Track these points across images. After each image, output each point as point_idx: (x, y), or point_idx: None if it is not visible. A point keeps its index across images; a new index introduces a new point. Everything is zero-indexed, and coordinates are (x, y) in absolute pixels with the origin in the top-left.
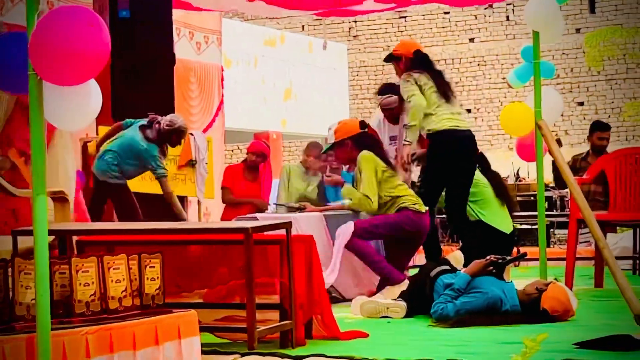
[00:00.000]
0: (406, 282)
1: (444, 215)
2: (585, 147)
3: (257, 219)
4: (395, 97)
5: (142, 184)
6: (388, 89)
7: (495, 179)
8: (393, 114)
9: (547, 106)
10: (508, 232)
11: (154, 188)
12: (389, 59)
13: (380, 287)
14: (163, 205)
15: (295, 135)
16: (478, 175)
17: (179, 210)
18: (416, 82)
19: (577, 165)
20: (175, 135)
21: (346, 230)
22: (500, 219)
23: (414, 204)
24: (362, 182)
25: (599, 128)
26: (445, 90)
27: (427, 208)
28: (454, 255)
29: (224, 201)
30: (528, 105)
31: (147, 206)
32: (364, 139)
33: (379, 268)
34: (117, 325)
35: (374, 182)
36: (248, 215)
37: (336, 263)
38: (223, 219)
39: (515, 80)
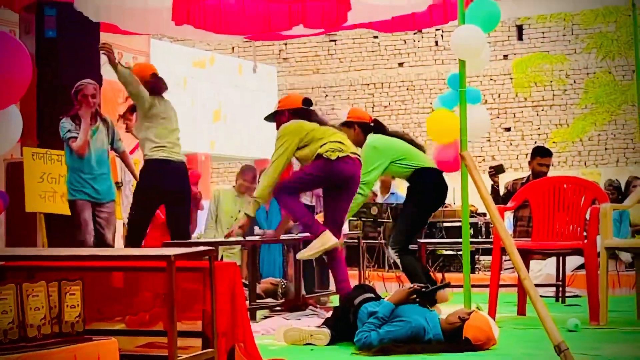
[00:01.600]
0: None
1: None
2: (514, 173)
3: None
4: None
5: (46, 204)
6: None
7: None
8: None
9: (473, 122)
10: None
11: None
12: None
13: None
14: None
15: (224, 157)
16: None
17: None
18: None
19: (517, 188)
20: (78, 94)
21: None
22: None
23: (326, 151)
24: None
25: (539, 153)
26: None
27: (343, 154)
28: (324, 236)
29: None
30: (454, 114)
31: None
32: (303, 113)
33: (304, 223)
34: (35, 354)
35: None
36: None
37: None
38: (147, 240)
39: (441, 107)
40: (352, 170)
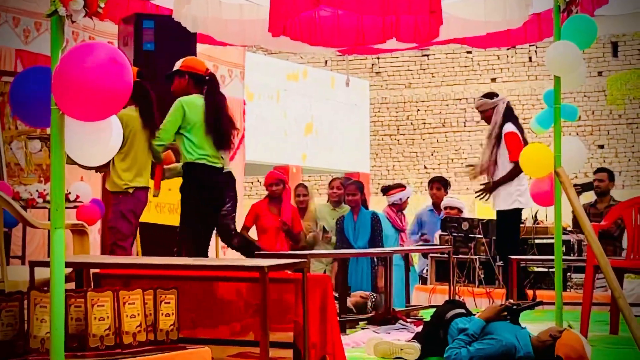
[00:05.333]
0: None
1: None
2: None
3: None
4: (484, 100)
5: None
6: (486, 96)
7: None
8: (487, 117)
9: (568, 153)
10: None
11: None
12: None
13: None
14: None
15: (314, 170)
16: None
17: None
18: None
19: (586, 211)
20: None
21: None
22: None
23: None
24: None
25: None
26: None
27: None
28: None
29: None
30: (548, 148)
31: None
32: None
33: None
34: None
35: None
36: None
37: None
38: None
39: (537, 127)
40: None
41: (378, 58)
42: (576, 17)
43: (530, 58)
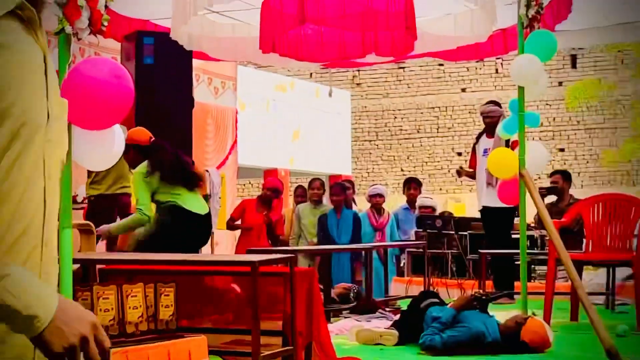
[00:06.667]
0: None
1: None
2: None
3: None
4: (495, 107)
5: None
6: (492, 102)
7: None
8: (492, 122)
9: (532, 157)
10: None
11: None
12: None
13: None
14: None
15: (301, 172)
16: None
17: None
18: None
19: (549, 210)
20: None
21: None
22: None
23: None
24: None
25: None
26: None
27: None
28: None
29: (227, 227)
30: (513, 152)
31: None
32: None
33: None
34: (133, 348)
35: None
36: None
37: None
38: (239, 245)
39: (504, 132)
40: None
41: (358, 70)
42: (538, 32)
43: (496, 70)
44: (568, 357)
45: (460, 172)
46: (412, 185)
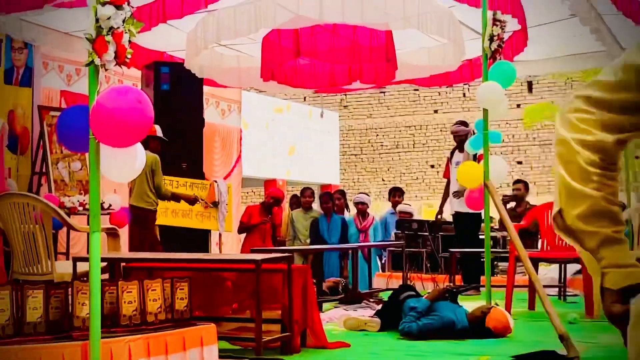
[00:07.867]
0: None
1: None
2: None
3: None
4: (462, 127)
5: (166, 218)
6: (460, 122)
7: None
8: (461, 139)
9: (495, 169)
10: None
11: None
12: None
13: None
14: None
15: (296, 182)
16: None
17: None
18: None
19: (509, 214)
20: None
21: None
22: None
23: None
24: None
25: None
26: None
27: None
28: None
29: (238, 231)
30: (479, 164)
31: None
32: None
33: None
34: (153, 335)
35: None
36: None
37: None
38: (244, 245)
39: (470, 148)
40: None
41: (346, 95)
42: (500, 62)
43: (464, 94)
44: (526, 341)
45: (438, 220)
46: (396, 194)
